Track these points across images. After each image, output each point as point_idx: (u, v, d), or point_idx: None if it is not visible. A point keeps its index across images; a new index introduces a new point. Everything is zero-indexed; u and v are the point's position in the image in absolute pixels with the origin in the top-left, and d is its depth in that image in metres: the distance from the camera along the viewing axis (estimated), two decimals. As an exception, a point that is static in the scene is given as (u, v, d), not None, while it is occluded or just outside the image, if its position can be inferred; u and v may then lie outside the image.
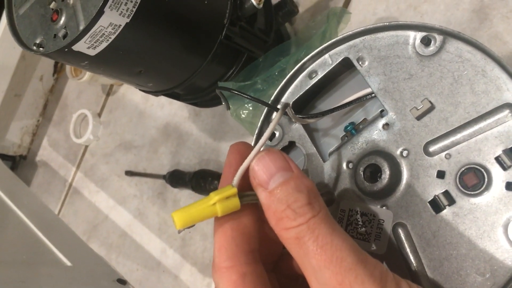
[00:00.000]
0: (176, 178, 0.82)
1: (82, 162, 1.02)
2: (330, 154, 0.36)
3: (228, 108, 0.56)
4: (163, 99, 0.89)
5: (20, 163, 1.11)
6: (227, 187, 0.27)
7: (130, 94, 0.96)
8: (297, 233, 0.25)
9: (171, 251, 0.83)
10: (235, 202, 0.26)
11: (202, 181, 0.78)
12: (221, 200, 0.26)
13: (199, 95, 0.68)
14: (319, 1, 0.75)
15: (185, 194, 0.83)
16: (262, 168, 0.26)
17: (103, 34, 0.50)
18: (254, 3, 0.59)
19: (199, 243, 0.79)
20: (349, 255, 0.24)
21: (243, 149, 0.29)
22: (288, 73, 0.59)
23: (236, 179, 0.27)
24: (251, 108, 0.59)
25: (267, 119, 0.40)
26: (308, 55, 0.58)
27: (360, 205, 0.34)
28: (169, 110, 0.89)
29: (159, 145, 0.89)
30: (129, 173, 0.91)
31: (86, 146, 1.01)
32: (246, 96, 0.37)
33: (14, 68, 0.98)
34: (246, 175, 0.27)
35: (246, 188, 0.28)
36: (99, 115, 1.00)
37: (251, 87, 0.59)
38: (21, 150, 1.10)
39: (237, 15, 0.60)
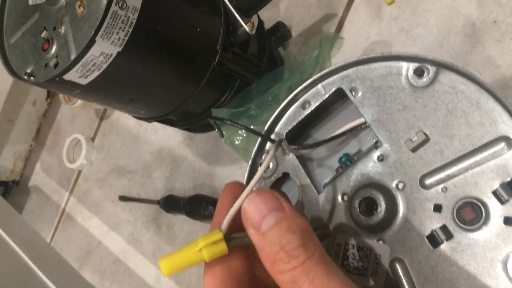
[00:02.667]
0: (171, 204, 0.81)
1: (75, 187, 1.01)
2: (325, 185, 0.36)
3: (222, 136, 0.56)
4: (157, 123, 0.88)
5: (13, 189, 1.09)
6: (214, 231, 0.26)
7: (124, 118, 0.95)
8: (292, 276, 0.24)
9: (166, 278, 0.81)
10: (222, 247, 0.26)
11: (196, 206, 0.77)
12: (207, 245, 0.25)
13: (193, 120, 0.67)
14: (311, 26, 0.75)
15: (179, 220, 0.82)
16: (254, 210, 0.25)
17: (95, 63, 0.49)
18: (247, 29, 0.59)
19: (194, 269, 0.78)
20: None
21: (237, 189, 0.28)
22: (282, 100, 0.59)
23: (225, 223, 0.26)
24: (244, 135, 0.58)
25: (261, 149, 0.40)
26: (301, 81, 0.58)
27: (356, 239, 0.33)
28: (163, 134, 0.88)
29: (153, 169, 0.88)
30: (123, 198, 0.90)
31: (80, 171, 1.00)
32: (240, 126, 0.37)
33: (7, 94, 0.97)
34: (237, 215, 0.27)
35: (238, 227, 0.27)
36: (93, 139, 1.00)
37: (244, 113, 0.59)
38: (13, 176, 1.09)
39: (230, 41, 0.60)
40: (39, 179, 1.08)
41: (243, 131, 0.58)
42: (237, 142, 0.58)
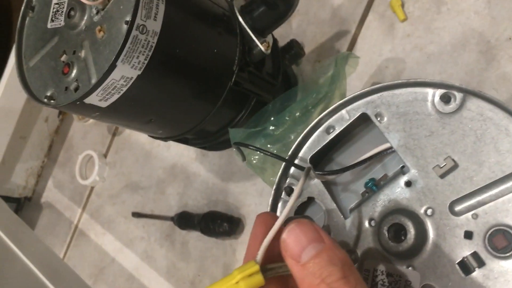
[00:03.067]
0: (185, 220, 0.81)
1: (88, 203, 1.01)
2: (351, 210, 0.36)
3: (244, 159, 0.56)
4: (169, 140, 0.89)
5: (25, 205, 1.09)
6: (250, 263, 0.26)
7: (137, 134, 0.96)
8: None
9: (180, 295, 0.81)
10: (259, 279, 0.26)
11: (211, 223, 0.77)
12: (244, 278, 0.26)
13: (208, 139, 0.68)
14: (324, 43, 0.75)
15: (193, 236, 0.82)
16: (294, 241, 0.25)
17: (115, 86, 0.50)
18: (263, 49, 0.60)
19: (209, 286, 0.78)
20: None
21: (269, 220, 0.28)
22: (298, 118, 0.59)
23: (260, 254, 0.26)
24: (261, 154, 0.59)
25: (285, 174, 0.40)
26: (317, 99, 0.58)
27: (385, 265, 0.33)
28: (176, 150, 0.88)
29: (166, 186, 0.88)
30: (136, 214, 0.90)
31: (92, 187, 1.01)
32: (267, 153, 0.37)
33: (20, 111, 0.98)
34: (271, 245, 0.27)
35: (272, 258, 0.27)
36: (105, 156, 1.00)
37: (261, 132, 0.59)
38: (26, 192, 1.09)
39: (246, 61, 0.60)
40: (51, 195, 1.09)
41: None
42: (254, 162, 0.59)
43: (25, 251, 0.78)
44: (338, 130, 0.37)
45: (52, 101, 0.53)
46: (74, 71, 0.52)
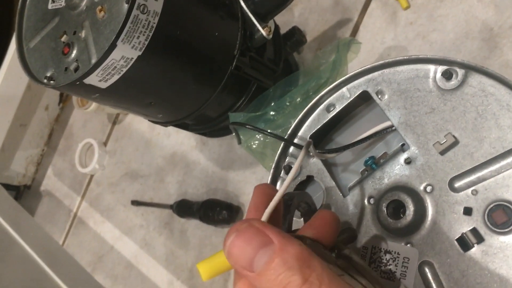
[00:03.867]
0: (184, 208, 0.81)
1: (87, 191, 1.01)
2: (350, 188, 0.36)
3: (239, 142, 0.56)
4: (169, 128, 0.88)
5: (24, 193, 1.09)
6: None
7: (136, 123, 0.96)
8: None
9: (179, 283, 0.81)
10: None
11: (210, 211, 0.76)
12: None
13: (208, 125, 0.67)
14: (326, 31, 0.75)
15: (192, 224, 0.82)
16: (240, 252, 0.23)
17: (115, 67, 0.49)
18: (264, 33, 0.59)
19: (207, 274, 0.78)
20: None
21: (268, 191, 0.28)
22: (299, 104, 0.59)
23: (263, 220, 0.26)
24: (261, 139, 0.58)
25: (284, 153, 0.40)
26: (318, 85, 0.58)
27: (383, 242, 0.33)
28: (175, 139, 0.88)
29: (165, 174, 0.88)
30: (135, 202, 0.90)
31: (92, 176, 1.01)
32: (263, 132, 0.37)
33: (20, 98, 0.98)
34: (273, 215, 0.26)
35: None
36: (105, 144, 1.00)
37: (262, 117, 0.59)
38: (25, 180, 1.09)
39: (247, 46, 0.60)
40: (50, 183, 1.08)
41: (260, 135, 0.58)
42: (254, 146, 0.59)
43: (25, 237, 0.78)
44: (338, 108, 0.37)
45: (51, 81, 0.53)
46: (74, 52, 0.52)
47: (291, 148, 0.39)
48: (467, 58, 0.62)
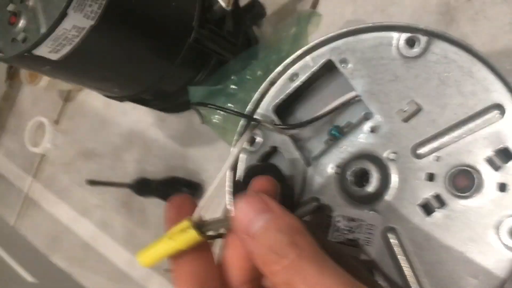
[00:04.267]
0: (143, 186, 0.79)
1: (39, 172, 0.97)
2: (315, 158, 0.36)
3: (203, 122, 0.55)
4: (125, 105, 0.86)
5: (-29, 175, 1.04)
6: (185, 221, 0.26)
7: (91, 100, 0.92)
8: (285, 277, 0.23)
9: (138, 262, 0.80)
10: (192, 233, 0.26)
11: (170, 189, 0.75)
12: (177, 233, 0.26)
13: (167, 100, 0.66)
14: (286, 4, 0.74)
15: (152, 202, 0.80)
16: (242, 215, 0.25)
17: (66, 37, 0.47)
18: (223, 5, 0.58)
19: (168, 252, 0.77)
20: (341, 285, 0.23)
21: (181, 203, 0.28)
22: (260, 77, 0.58)
23: (197, 212, 0.27)
24: (222, 113, 0.57)
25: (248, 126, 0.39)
26: (279, 58, 0.57)
27: (348, 210, 0.33)
28: (132, 116, 0.86)
29: (123, 152, 0.86)
30: (92, 182, 0.87)
31: (44, 155, 0.97)
32: (227, 111, 0.36)
33: (-37, 75, 0.92)
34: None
35: None
36: (57, 122, 0.96)
37: (222, 91, 0.58)
38: (-28, 161, 1.04)
39: (206, 18, 0.58)
40: (0, 164, 1.04)
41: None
42: (215, 121, 0.57)
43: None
44: (302, 77, 0.37)
45: (-2, 53, 0.50)
46: (22, 21, 0.49)
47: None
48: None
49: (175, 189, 0.74)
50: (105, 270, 0.82)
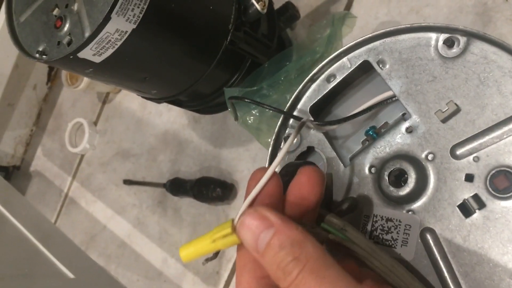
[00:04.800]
0: (177, 186, 0.81)
1: (78, 171, 1.00)
2: (351, 158, 0.36)
3: (236, 118, 0.56)
4: (161, 106, 0.88)
5: (14, 174, 1.08)
6: (227, 223, 0.27)
7: (127, 102, 0.95)
8: None
9: (173, 261, 0.81)
10: (233, 239, 0.27)
11: (204, 189, 0.76)
12: (219, 238, 0.27)
13: (202, 101, 0.67)
14: (319, 7, 0.74)
15: (186, 202, 0.82)
16: (247, 236, 0.26)
17: (109, 40, 0.49)
18: (259, 8, 0.59)
19: (201, 252, 0.78)
20: None
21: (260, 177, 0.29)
22: (294, 79, 0.59)
23: (238, 214, 0.27)
24: (257, 114, 0.58)
25: (284, 125, 0.39)
26: (312, 60, 0.58)
27: (384, 210, 0.33)
28: (167, 117, 0.88)
29: (158, 153, 0.88)
30: (128, 182, 0.89)
31: (82, 155, 1.00)
32: (263, 105, 0.37)
33: (8, 77, 0.96)
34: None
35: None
36: (95, 123, 0.99)
37: (257, 92, 0.58)
38: (14, 161, 1.08)
39: (241, 21, 0.59)
40: (40, 164, 1.07)
41: (256, 110, 0.58)
42: (249, 122, 0.58)
43: (17, 216, 0.77)
44: (339, 78, 0.37)
45: (44, 56, 0.52)
46: (67, 25, 0.51)
47: (291, 120, 0.39)
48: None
49: (208, 189, 0.76)
50: (140, 268, 0.84)
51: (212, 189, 0.76)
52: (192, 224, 0.80)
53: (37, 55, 0.52)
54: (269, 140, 0.59)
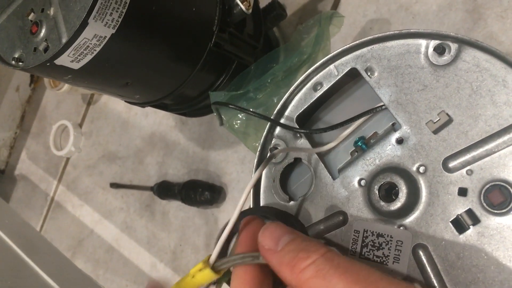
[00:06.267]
0: (165, 190, 0.79)
1: (63, 175, 0.98)
2: (340, 170, 0.34)
3: (221, 123, 0.54)
4: (147, 108, 0.86)
5: (-2, 178, 1.06)
6: (201, 262, 0.29)
7: (112, 103, 0.92)
8: (316, 267, 0.25)
9: (162, 265, 0.80)
10: (208, 272, 0.29)
11: (192, 192, 0.75)
12: (196, 272, 0.29)
13: (188, 104, 0.65)
14: (306, 5, 0.73)
15: (174, 206, 0.80)
16: (268, 236, 0.27)
17: (88, 46, 0.47)
18: (243, 8, 0.57)
19: (190, 256, 0.77)
20: (374, 272, 0.25)
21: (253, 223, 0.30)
22: (281, 81, 0.57)
23: (214, 254, 0.29)
24: (244, 118, 0.57)
25: (270, 133, 0.38)
26: (300, 61, 0.56)
27: (375, 225, 0.32)
28: (154, 119, 0.86)
29: (144, 155, 0.86)
30: (115, 185, 0.88)
31: (68, 158, 0.98)
32: (248, 112, 0.35)
33: (-12, 80, 0.93)
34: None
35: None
36: (80, 125, 0.97)
37: (243, 96, 0.57)
38: (-2, 165, 1.06)
39: (226, 21, 0.58)
40: (25, 167, 1.05)
41: (242, 114, 0.56)
42: (236, 126, 0.57)
43: (2, 226, 0.75)
44: (326, 86, 0.35)
45: (20, 63, 0.50)
46: (43, 31, 0.49)
47: (277, 129, 0.38)
48: (451, 30, 0.61)
49: (197, 192, 0.74)
50: (128, 272, 0.83)
51: (201, 193, 0.74)
52: (181, 228, 0.79)
53: (13, 62, 0.50)
54: (257, 144, 0.58)
